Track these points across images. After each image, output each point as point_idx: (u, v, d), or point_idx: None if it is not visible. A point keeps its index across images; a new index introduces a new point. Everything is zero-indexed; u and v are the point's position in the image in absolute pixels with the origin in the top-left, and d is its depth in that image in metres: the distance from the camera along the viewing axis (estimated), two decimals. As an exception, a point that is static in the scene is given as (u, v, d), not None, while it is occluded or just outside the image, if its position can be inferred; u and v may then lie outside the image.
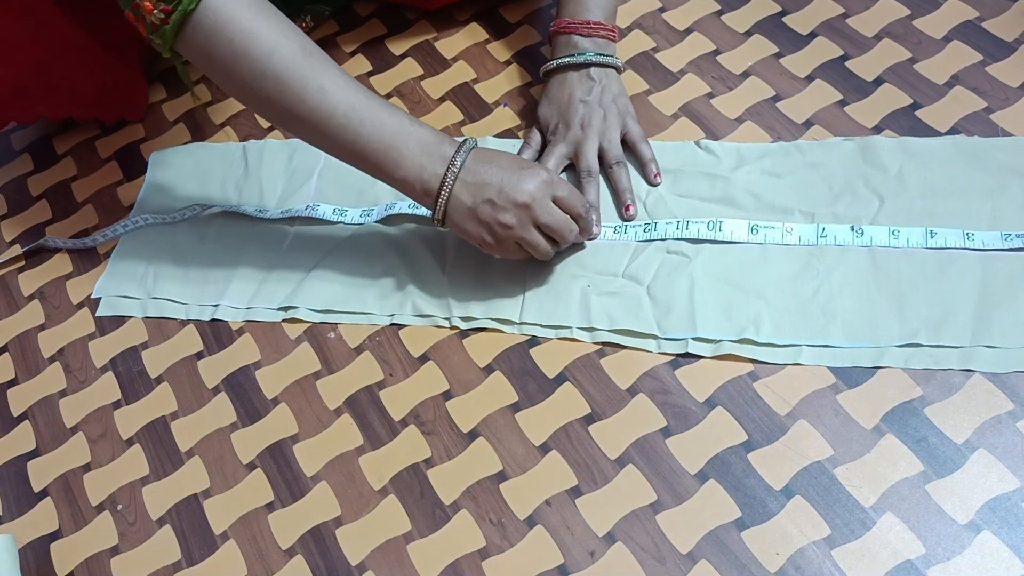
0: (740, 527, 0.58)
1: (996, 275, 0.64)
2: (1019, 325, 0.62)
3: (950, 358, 0.62)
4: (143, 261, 0.79)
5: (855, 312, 0.64)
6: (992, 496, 0.57)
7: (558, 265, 0.71)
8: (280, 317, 0.74)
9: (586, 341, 0.68)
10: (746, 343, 0.65)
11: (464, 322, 0.70)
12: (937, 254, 0.66)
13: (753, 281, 0.67)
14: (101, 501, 0.67)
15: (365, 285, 0.73)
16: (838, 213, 0.69)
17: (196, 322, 0.75)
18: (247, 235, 0.79)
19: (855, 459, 0.60)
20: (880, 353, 0.63)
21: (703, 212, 0.72)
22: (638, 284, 0.69)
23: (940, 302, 0.64)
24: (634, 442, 0.63)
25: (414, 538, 0.61)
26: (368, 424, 0.67)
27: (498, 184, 0.65)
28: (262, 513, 0.64)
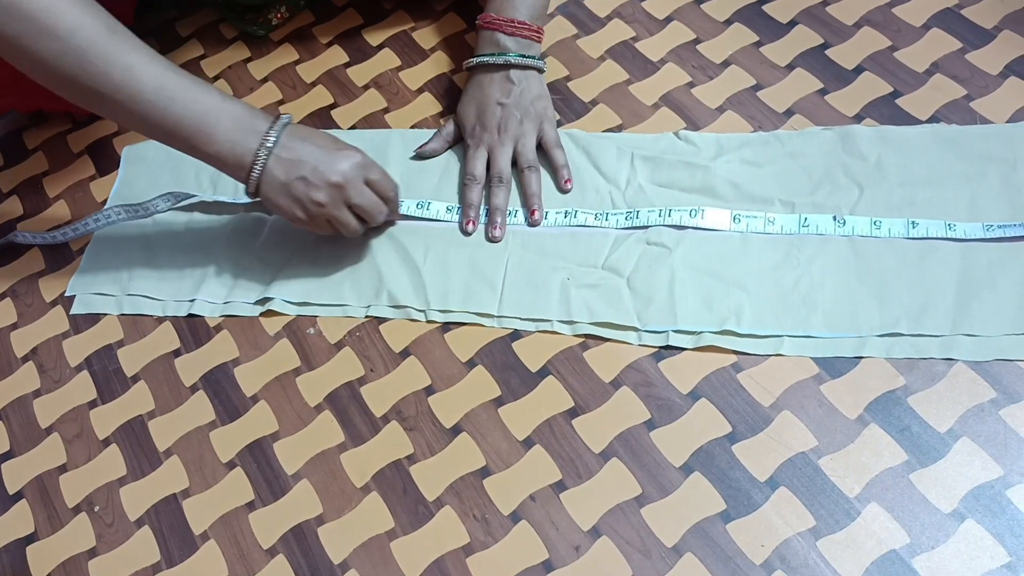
0: (725, 519, 0.58)
1: (976, 264, 0.64)
2: (998, 314, 0.62)
3: (931, 347, 0.62)
4: (118, 257, 0.78)
5: (836, 302, 0.64)
6: (975, 484, 0.57)
7: (538, 258, 0.71)
8: (257, 311, 0.73)
9: (566, 334, 0.67)
10: (727, 334, 0.64)
11: (441, 315, 0.69)
12: (917, 243, 0.66)
13: (734, 272, 0.67)
14: (78, 502, 0.66)
15: (341, 276, 0.73)
16: (818, 202, 0.69)
17: (173, 319, 0.74)
18: (222, 229, 0.78)
19: (839, 449, 0.60)
20: (861, 343, 0.63)
21: (683, 202, 0.71)
22: (618, 276, 0.69)
23: (920, 291, 0.64)
24: (618, 435, 0.62)
25: (397, 535, 0.61)
26: (349, 421, 0.66)
27: (312, 163, 0.66)
28: (243, 512, 0.63)
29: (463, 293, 0.70)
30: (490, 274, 0.70)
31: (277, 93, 0.88)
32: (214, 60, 0.93)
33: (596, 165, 0.75)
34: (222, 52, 0.93)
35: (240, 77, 0.90)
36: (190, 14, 0.97)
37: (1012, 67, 0.75)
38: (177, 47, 0.94)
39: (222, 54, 0.93)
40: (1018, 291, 0.63)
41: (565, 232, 0.72)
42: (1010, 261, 0.64)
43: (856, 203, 0.69)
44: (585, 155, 0.76)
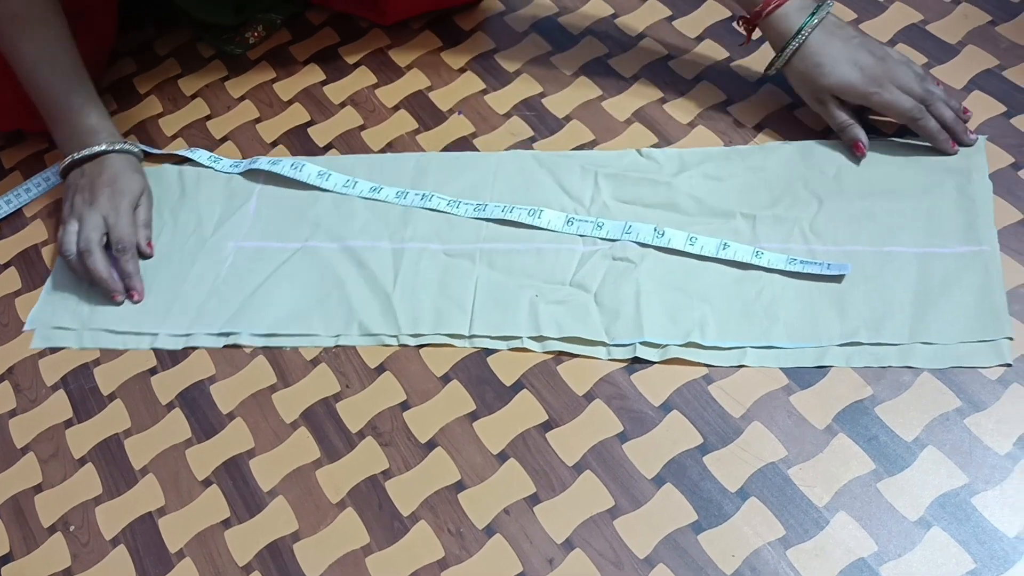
0: (696, 530, 0.59)
1: (932, 274, 0.66)
2: (954, 322, 0.63)
3: (889, 355, 0.63)
4: (78, 290, 0.77)
5: (797, 313, 0.66)
6: (941, 492, 0.58)
7: (505, 276, 0.71)
8: (221, 343, 0.72)
9: (536, 351, 0.68)
10: (692, 346, 0.65)
11: (413, 339, 0.70)
12: (875, 253, 0.67)
13: (697, 285, 0.68)
14: (53, 522, 0.66)
15: (310, 305, 0.72)
16: (779, 215, 0.71)
17: (149, 337, 0.74)
18: (186, 256, 0.77)
19: (808, 459, 0.60)
20: (822, 352, 0.64)
21: (646, 218, 0.72)
22: (585, 292, 0.69)
23: (879, 301, 0.65)
24: (591, 448, 0.63)
25: (373, 551, 0.61)
26: (325, 437, 0.67)
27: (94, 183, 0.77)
28: (218, 530, 0.64)
29: (434, 316, 0.70)
30: (460, 296, 0.71)
31: (254, 111, 0.89)
32: (191, 79, 0.93)
33: (560, 184, 0.76)
34: (199, 71, 0.94)
35: (217, 96, 0.91)
36: (167, 33, 0.98)
37: (976, 81, 0.77)
38: (155, 66, 0.95)
39: (199, 73, 0.93)
40: (973, 300, 0.64)
41: (531, 249, 0.73)
42: (964, 270, 0.65)
43: (816, 215, 0.70)
44: (549, 174, 0.77)
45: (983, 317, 0.63)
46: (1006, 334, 0.62)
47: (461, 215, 0.76)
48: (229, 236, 0.78)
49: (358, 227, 0.76)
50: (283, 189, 0.80)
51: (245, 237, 0.78)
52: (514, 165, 0.79)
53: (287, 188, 0.80)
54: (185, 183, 0.82)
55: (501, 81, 0.86)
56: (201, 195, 0.81)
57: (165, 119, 0.90)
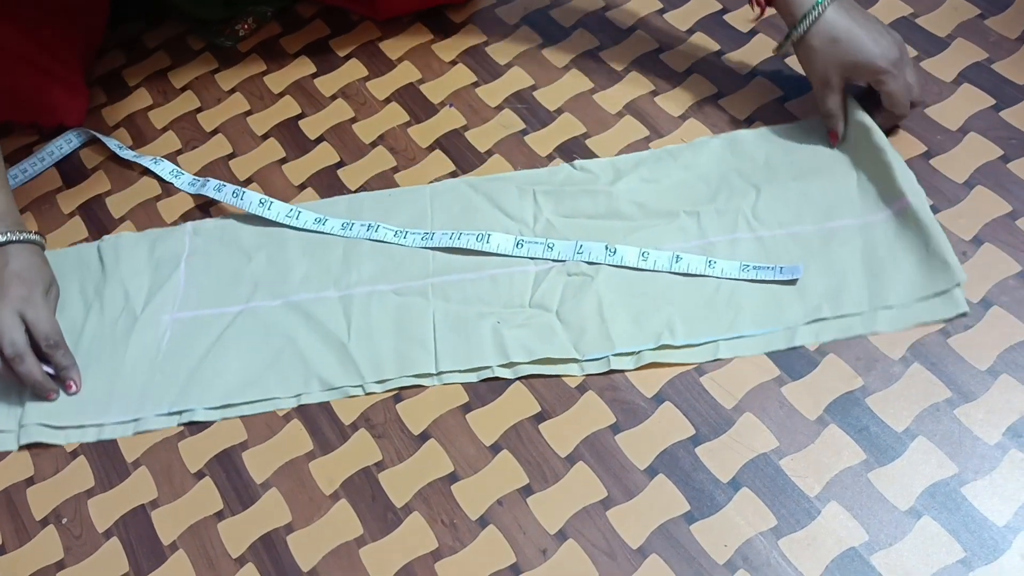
0: (689, 520, 0.59)
1: (875, 240, 0.68)
2: (907, 283, 0.65)
3: (855, 326, 0.65)
4: (7, 385, 0.71)
5: (759, 299, 0.67)
6: (931, 482, 0.58)
7: (463, 307, 0.70)
8: (174, 422, 0.68)
9: (508, 377, 0.67)
10: (664, 349, 0.66)
11: (379, 385, 0.67)
12: (818, 230, 0.69)
13: (657, 287, 0.68)
14: (45, 515, 0.66)
15: (262, 369, 0.69)
16: (720, 208, 0.72)
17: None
18: (118, 336, 0.72)
19: (799, 450, 0.61)
20: (791, 333, 0.65)
21: (592, 230, 0.72)
22: (547, 311, 0.69)
23: (833, 275, 0.67)
24: (584, 439, 0.63)
25: (366, 542, 0.61)
26: (318, 429, 0.67)
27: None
28: (211, 522, 0.64)
29: (396, 359, 0.68)
30: (419, 334, 0.69)
31: (245, 104, 0.89)
32: (181, 72, 0.93)
33: (500, 208, 0.75)
34: (189, 63, 0.93)
35: (207, 88, 0.91)
36: (158, 26, 0.98)
37: (965, 74, 0.77)
38: (144, 59, 0.95)
39: (189, 65, 0.93)
40: (917, 258, 0.66)
41: (484, 277, 0.71)
42: (902, 230, 0.67)
43: (756, 203, 0.71)
44: (487, 199, 0.76)
45: (932, 271, 0.65)
46: (956, 281, 0.64)
47: (409, 245, 0.74)
48: (162, 309, 0.73)
49: (298, 280, 0.73)
50: (212, 252, 0.76)
51: (179, 308, 0.73)
52: (449, 195, 0.77)
53: (216, 250, 0.76)
54: (104, 260, 0.77)
55: (492, 74, 0.86)
56: (123, 269, 0.76)
57: (155, 111, 0.90)
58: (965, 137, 0.74)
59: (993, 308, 0.65)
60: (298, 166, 0.83)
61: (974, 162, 0.72)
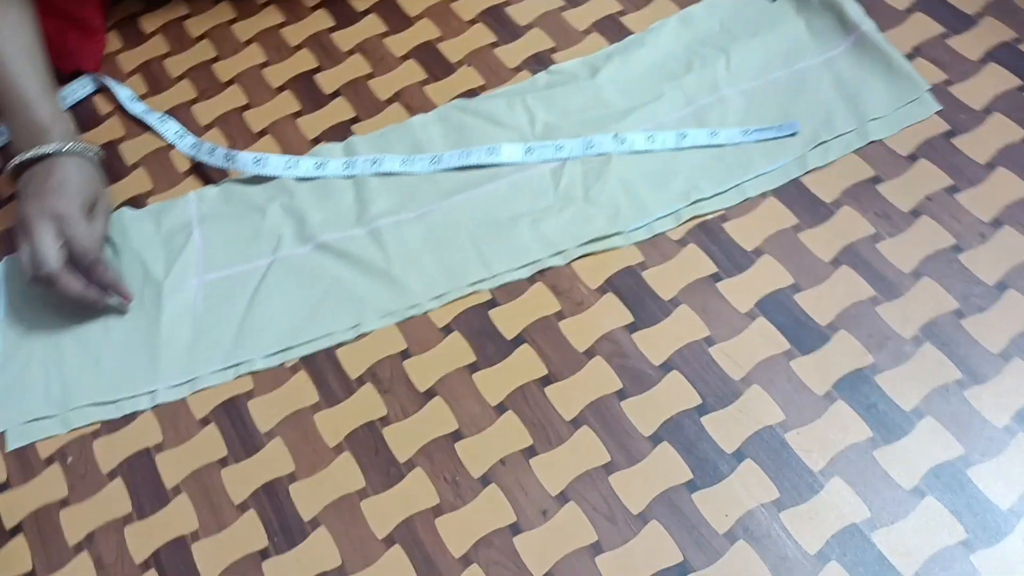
0: (691, 489, 0.59)
1: (841, 71, 0.76)
2: (883, 96, 0.74)
3: (853, 141, 0.72)
4: (36, 370, 0.69)
5: (763, 145, 0.73)
6: (937, 463, 0.58)
7: (492, 215, 0.72)
8: (232, 376, 0.67)
9: (559, 264, 0.69)
10: (699, 203, 0.71)
11: (436, 301, 0.69)
12: (790, 74, 0.77)
13: (672, 156, 0.73)
14: (51, 454, 0.66)
15: (311, 310, 0.69)
16: (698, 77, 0.77)
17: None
18: (147, 306, 0.71)
19: (806, 424, 0.61)
20: (802, 161, 0.72)
21: (589, 123, 0.76)
22: (575, 200, 0.72)
23: (817, 106, 0.74)
24: (589, 404, 0.63)
25: (368, 495, 0.61)
26: (324, 382, 0.67)
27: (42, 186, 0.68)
28: (215, 468, 0.64)
29: (446, 274, 0.69)
30: (460, 247, 0.70)
31: (261, 55, 0.88)
32: (199, 20, 0.92)
33: (494, 121, 0.78)
34: (207, 13, 0.92)
35: (224, 38, 0.90)
36: (177, -28, 0.97)
37: (993, 54, 0.76)
38: (161, 5, 0.94)
39: (207, 15, 0.92)
40: (883, 76, 0.75)
41: (503, 185, 0.73)
42: (862, 56, 0.76)
43: (728, 64, 0.78)
44: (477, 116, 0.78)
45: (900, 84, 0.74)
46: (925, 88, 0.74)
47: (418, 172, 0.75)
48: (186, 274, 0.72)
49: (319, 224, 0.73)
50: (222, 214, 0.75)
51: (205, 270, 0.72)
52: (440, 123, 0.78)
53: (226, 212, 0.75)
54: (112, 236, 0.75)
55: (512, 34, 0.85)
56: (134, 243, 0.74)
57: (171, 60, 0.89)
58: (989, 117, 0.73)
59: (1009, 291, 0.64)
60: (313, 120, 0.82)
61: (997, 143, 0.71)
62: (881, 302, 0.65)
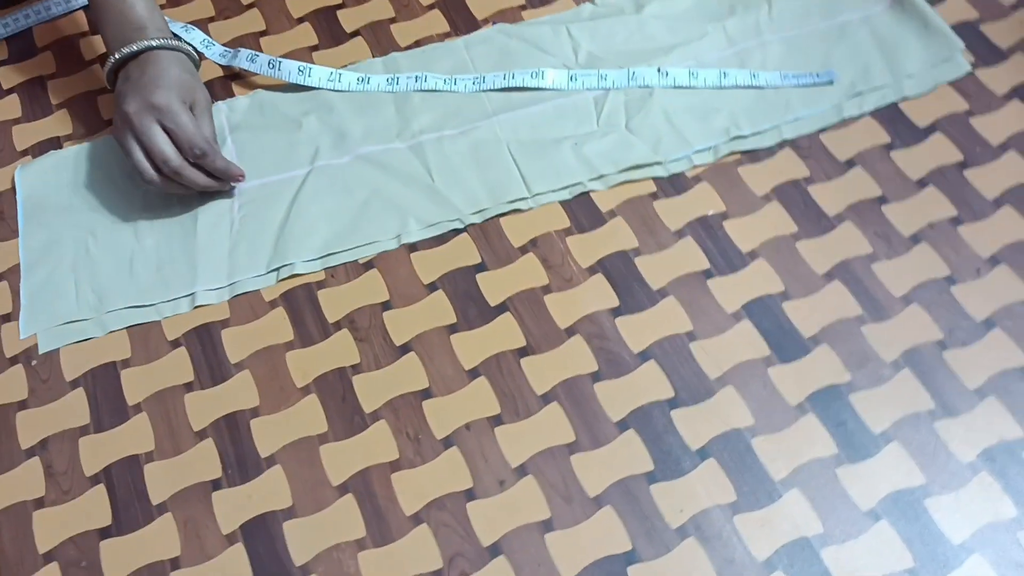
0: (650, 480, 0.59)
1: (880, 27, 0.78)
2: (918, 54, 0.76)
3: (887, 94, 0.75)
4: (66, 276, 0.68)
5: (802, 90, 0.75)
6: (896, 489, 0.58)
7: (535, 135, 0.73)
8: (273, 280, 0.67)
9: (600, 189, 0.71)
10: (737, 139, 0.73)
11: (478, 216, 0.70)
12: (830, 25, 0.79)
13: (713, 93, 0.75)
14: (16, 353, 0.65)
15: (353, 218, 0.70)
16: (741, 20, 0.79)
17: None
18: (184, 213, 0.71)
19: (774, 432, 0.60)
20: (839, 108, 0.74)
21: (632, 55, 0.78)
22: (617, 128, 0.73)
23: (856, 57, 0.77)
24: (563, 381, 0.63)
25: (328, 440, 0.61)
26: (301, 321, 0.66)
27: (142, 82, 0.68)
28: (179, 391, 0.63)
29: (487, 190, 0.71)
30: (501, 165, 0.72)
31: (286, -16, 0.86)
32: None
33: (538, 47, 0.79)
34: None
35: (251, -40, 0.88)
36: None
37: (1019, 91, 0.75)
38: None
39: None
40: (920, 34, 0.77)
41: (547, 108, 0.75)
42: (902, 15, 0.78)
43: (770, 10, 0.80)
44: (522, 41, 0.79)
45: (935, 41, 0.77)
46: (959, 48, 0.76)
47: (461, 91, 0.76)
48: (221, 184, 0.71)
49: (359, 136, 0.74)
50: (255, 125, 0.75)
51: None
52: (484, 44, 0.80)
53: (259, 122, 0.75)
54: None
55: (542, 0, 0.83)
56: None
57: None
58: (1004, 154, 0.72)
59: (995, 330, 0.64)
60: (328, 56, 0.81)
61: (1008, 181, 0.70)
62: (867, 322, 0.65)
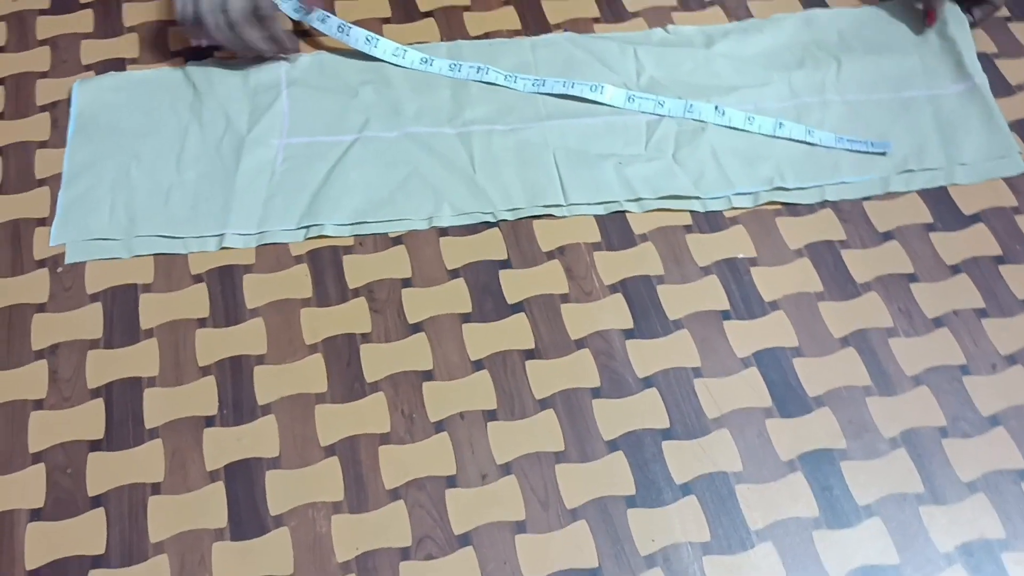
0: (629, 504, 0.59)
1: (943, 111, 0.78)
2: (976, 145, 0.76)
3: (937, 178, 0.75)
4: (103, 193, 0.69)
5: (852, 153, 0.75)
6: (869, 564, 0.58)
7: (582, 147, 0.74)
8: (302, 236, 0.69)
9: (635, 211, 0.71)
10: (778, 191, 0.73)
11: (511, 213, 0.70)
12: (895, 98, 0.79)
13: (765, 141, 0.75)
14: (44, 257, 0.67)
15: (390, 191, 0.70)
16: (808, 75, 0.80)
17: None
18: (226, 154, 0.72)
19: (760, 483, 0.61)
20: (886, 180, 0.74)
21: (693, 88, 0.78)
22: (664, 155, 0.74)
23: (913, 135, 0.77)
24: (563, 390, 0.63)
25: (325, 401, 0.62)
26: (322, 281, 0.67)
27: None
28: (192, 326, 0.65)
29: (525, 191, 0.71)
30: (543, 168, 0.72)
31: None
32: None
33: (602, 61, 0.80)
34: None
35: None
36: None
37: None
38: None
39: None
40: (981, 126, 0.77)
41: (599, 122, 0.75)
42: (967, 104, 0.78)
43: (838, 72, 0.80)
44: (589, 53, 0.80)
45: (995, 137, 0.77)
46: (1018, 149, 0.76)
47: (520, 89, 0.77)
48: (270, 133, 0.73)
49: (411, 115, 0.75)
50: (313, 83, 0.76)
51: (288, 134, 0.73)
52: (551, 48, 0.80)
53: (317, 82, 0.77)
54: (196, 84, 0.76)
55: (616, 16, 0.84)
56: (219, 93, 0.75)
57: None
58: (1044, 258, 0.72)
59: (999, 428, 0.64)
60: (399, 31, 0.82)
61: (1042, 284, 0.70)
62: (874, 394, 0.65)
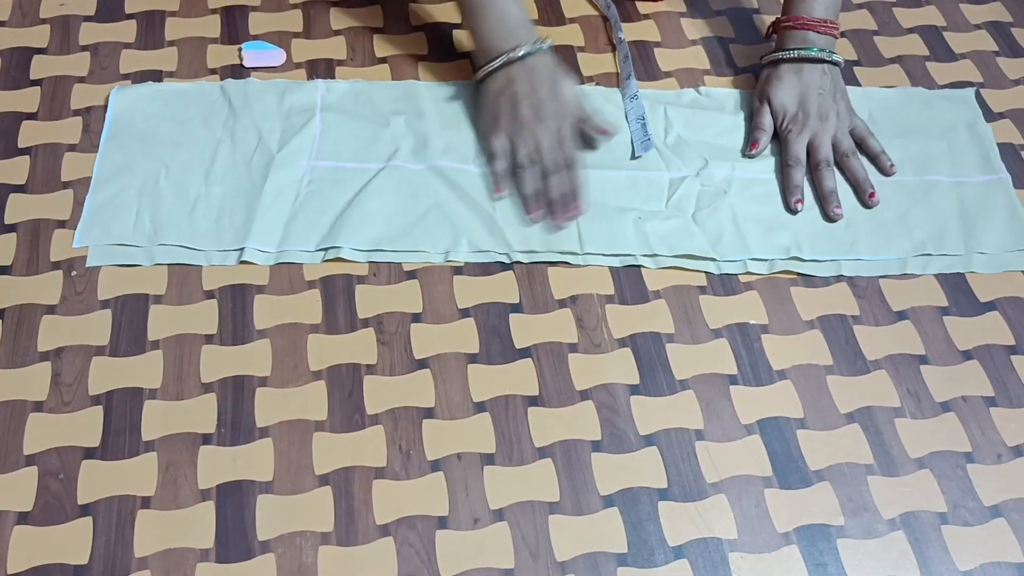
0: (620, 562, 0.58)
1: (967, 198, 0.78)
2: (996, 235, 0.76)
3: (955, 264, 0.75)
4: (131, 200, 0.70)
5: (872, 230, 0.76)
6: (859, 645, 0.57)
7: (603, 199, 0.74)
8: (320, 259, 0.69)
9: (650, 267, 0.72)
10: (794, 260, 0.73)
11: (526, 256, 0.71)
12: (920, 182, 0.79)
13: (782, 209, 0.76)
14: (59, 260, 0.68)
15: (410, 222, 0.71)
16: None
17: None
18: (255, 171, 0.73)
19: (753, 553, 0.60)
20: (903, 262, 0.74)
21: (718, 150, 0.79)
22: (683, 214, 0.74)
23: (934, 219, 0.77)
24: (563, 440, 0.63)
25: (324, 429, 0.62)
26: (333, 308, 0.67)
27: (535, 87, 0.75)
28: (199, 341, 0.65)
29: (542, 236, 0.72)
30: None
31: (414, -10, 0.89)
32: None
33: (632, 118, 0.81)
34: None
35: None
36: None
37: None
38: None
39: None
40: (1004, 217, 0.77)
41: (621, 176, 0.76)
42: (991, 194, 0.79)
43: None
44: (617, 107, 0.81)
45: (1016, 231, 0.77)
46: None
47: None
48: (299, 154, 0.74)
49: (439, 149, 0.76)
50: (347, 109, 0.78)
51: (317, 156, 0.74)
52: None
53: (351, 108, 0.78)
54: (232, 99, 0.77)
55: (650, 74, 0.85)
56: (254, 111, 0.77)
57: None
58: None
59: (999, 519, 0.63)
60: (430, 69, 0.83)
61: (1054, 377, 0.70)
62: (876, 473, 0.64)
